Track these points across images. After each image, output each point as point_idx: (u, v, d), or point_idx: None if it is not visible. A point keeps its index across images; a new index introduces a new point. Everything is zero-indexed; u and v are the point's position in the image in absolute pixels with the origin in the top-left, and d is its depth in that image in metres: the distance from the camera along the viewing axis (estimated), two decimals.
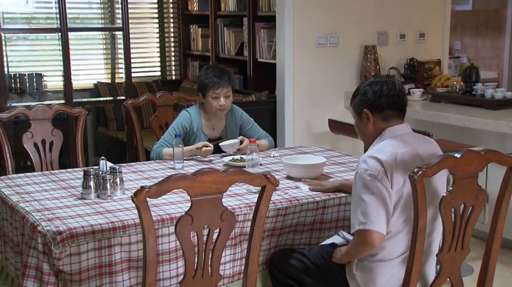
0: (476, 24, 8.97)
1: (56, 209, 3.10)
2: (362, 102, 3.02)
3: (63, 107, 4.56)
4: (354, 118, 3.12)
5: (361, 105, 3.03)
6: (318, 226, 3.35)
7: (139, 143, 4.73)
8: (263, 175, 2.61)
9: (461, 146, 4.58)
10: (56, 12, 6.08)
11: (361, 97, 3.03)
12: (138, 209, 2.41)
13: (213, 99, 4.27)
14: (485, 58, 8.81)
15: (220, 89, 4.26)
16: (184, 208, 2.92)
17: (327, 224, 3.37)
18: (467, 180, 2.77)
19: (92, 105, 7.06)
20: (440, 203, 2.72)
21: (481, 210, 2.89)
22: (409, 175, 2.68)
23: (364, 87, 3.04)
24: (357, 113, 3.06)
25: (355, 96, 3.07)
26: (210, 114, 4.39)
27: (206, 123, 4.40)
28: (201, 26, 7.64)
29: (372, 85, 3.01)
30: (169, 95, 4.84)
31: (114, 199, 3.28)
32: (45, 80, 6.77)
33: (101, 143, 7.42)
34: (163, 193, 2.43)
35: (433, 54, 6.45)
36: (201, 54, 7.59)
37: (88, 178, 3.29)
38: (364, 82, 3.10)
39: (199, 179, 2.46)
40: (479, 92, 5.41)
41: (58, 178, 3.71)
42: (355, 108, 3.07)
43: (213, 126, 4.41)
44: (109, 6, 7.45)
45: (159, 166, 4.02)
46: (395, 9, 6.22)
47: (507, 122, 4.73)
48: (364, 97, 3.01)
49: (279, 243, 3.29)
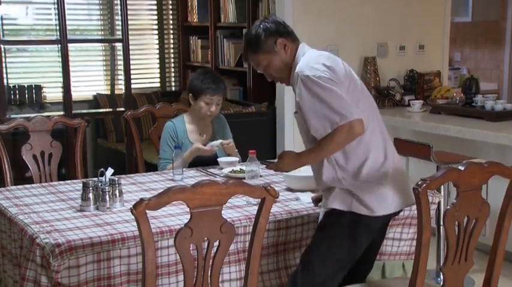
0: (476, 36, 8.97)
1: (54, 221, 3.08)
2: (269, 35, 3.09)
3: (62, 119, 4.55)
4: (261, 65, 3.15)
5: (270, 39, 3.09)
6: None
7: (139, 154, 4.71)
8: (263, 186, 2.59)
9: (462, 158, 4.56)
10: (55, 23, 6.07)
11: (265, 34, 3.09)
12: (138, 221, 2.39)
13: (206, 104, 4.28)
14: (485, 70, 8.82)
15: (215, 96, 4.28)
16: (184, 220, 2.89)
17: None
18: (470, 193, 2.75)
19: (91, 116, 7.04)
20: (444, 217, 2.71)
21: (484, 223, 2.87)
22: (413, 187, 2.66)
23: (256, 30, 3.12)
24: (269, 51, 3.09)
25: (254, 43, 3.12)
26: (196, 118, 4.40)
27: (192, 129, 4.41)
28: (200, 38, 7.63)
29: (261, 25, 3.12)
30: (168, 106, 4.83)
31: (113, 211, 3.26)
32: (45, 92, 6.75)
33: (100, 155, 7.39)
34: (162, 205, 2.41)
35: (433, 65, 6.44)
36: (201, 65, 7.58)
37: (87, 189, 3.28)
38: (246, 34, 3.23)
39: (198, 191, 2.44)
40: (480, 103, 5.40)
41: (57, 190, 3.70)
42: (264, 48, 3.10)
43: (200, 132, 4.40)
44: (109, 18, 7.45)
45: (159, 178, 4.00)
46: (395, 21, 6.22)
47: (507, 134, 4.72)
48: (268, 31, 3.09)
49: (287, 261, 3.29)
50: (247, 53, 3.18)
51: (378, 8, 6.10)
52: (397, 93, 6.10)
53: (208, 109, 4.30)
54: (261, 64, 3.14)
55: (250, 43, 3.14)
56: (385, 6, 6.15)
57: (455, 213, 2.72)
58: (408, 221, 3.47)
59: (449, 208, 2.71)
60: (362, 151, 3.00)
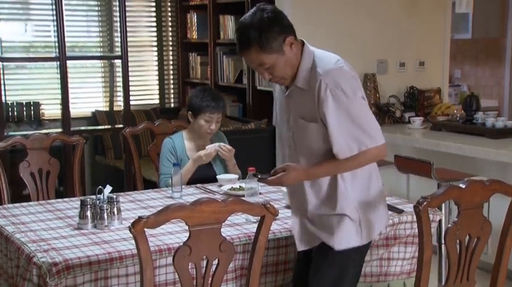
0: (476, 53, 8.98)
1: (52, 239, 3.05)
2: (278, 33, 2.72)
3: (60, 136, 4.53)
4: (263, 66, 2.76)
5: (280, 37, 2.73)
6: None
7: (137, 171, 4.68)
8: (262, 204, 2.58)
9: (463, 176, 4.55)
10: (54, 41, 6.06)
11: (273, 30, 2.71)
12: (136, 239, 2.38)
13: (206, 122, 4.27)
14: (485, 87, 8.81)
15: (215, 113, 4.26)
16: (183, 238, 2.88)
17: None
18: (472, 211, 2.75)
19: (89, 133, 7.01)
20: (446, 235, 2.69)
21: (486, 241, 2.86)
22: (413, 205, 2.65)
23: (260, 25, 2.71)
24: (277, 51, 2.73)
25: (259, 41, 2.70)
26: (196, 136, 4.38)
27: (191, 146, 4.39)
28: (200, 54, 7.63)
29: (264, 18, 2.72)
30: (167, 123, 4.81)
31: (111, 229, 3.23)
32: (43, 109, 6.74)
33: (98, 172, 7.36)
34: (161, 223, 2.40)
35: (433, 82, 6.43)
36: (200, 82, 7.57)
37: (85, 207, 3.25)
38: (245, 29, 2.74)
39: (197, 209, 2.43)
40: (480, 120, 5.38)
41: (54, 208, 3.66)
42: (272, 48, 2.71)
43: (199, 149, 4.37)
44: (108, 35, 7.44)
45: (157, 195, 3.98)
46: (395, 38, 6.22)
47: (508, 151, 4.70)
48: (276, 27, 2.72)
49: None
50: (249, 51, 2.74)
51: (378, 25, 6.10)
52: (397, 110, 6.09)
53: (208, 127, 4.28)
54: (263, 64, 2.76)
55: (252, 40, 2.70)
56: (385, 23, 6.15)
57: (457, 231, 2.72)
58: (410, 240, 3.43)
59: (450, 226, 2.71)
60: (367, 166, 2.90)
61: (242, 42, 2.74)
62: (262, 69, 2.78)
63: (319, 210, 2.90)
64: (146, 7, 7.79)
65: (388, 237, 3.38)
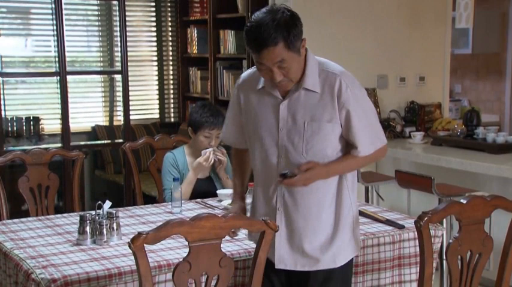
0: (477, 68, 8.98)
1: (50, 255, 3.03)
2: (300, 34, 2.69)
3: (60, 151, 4.52)
4: (282, 66, 2.67)
5: (300, 38, 2.70)
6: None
7: (137, 186, 4.67)
8: (262, 219, 2.57)
9: (464, 191, 4.54)
10: (55, 55, 6.06)
11: (298, 30, 2.67)
12: (135, 255, 2.37)
13: (205, 138, 4.28)
14: (486, 101, 8.81)
15: (214, 129, 4.28)
16: (182, 253, 2.87)
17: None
18: (473, 226, 2.73)
19: (89, 148, 7.00)
20: (447, 251, 2.68)
21: (488, 257, 2.84)
22: (414, 221, 2.63)
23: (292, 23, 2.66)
24: (297, 52, 2.69)
25: (292, 34, 2.64)
26: (196, 151, 4.38)
27: (192, 161, 4.39)
28: (200, 69, 7.62)
29: (294, 17, 2.69)
30: (167, 138, 4.80)
31: (110, 244, 3.22)
32: (43, 124, 6.72)
33: (98, 187, 7.34)
34: (161, 239, 2.39)
35: (434, 97, 6.42)
36: (200, 96, 7.56)
37: (84, 223, 3.24)
38: (273, 25, 2.62)
39: (197, 224, 2.42)
40: (481, 136, 5.37)
41: (54, 223, 3.65)
42: (296, 47, 2.67)
43: None
44: (108, 50, 7.44)
45: (157, 210, 3.97)
46: (395, 52, 6.22)
47: (509, 167, 4.67)
48: (301, 27, 2.69)
49: None
50: (274, 47, 2.62)
51: (378, 40, 6.10)
52: (397, 125, 6.08)
53: (208, 143, 4.30)
54: (284, 62, 2.66)
55: (279, 36, 2.61)
56: (385, 37, 6.15)
57: (458, 247, 2.70)
58: (414, 260, 3.41)
59: (451, 242, 2.69)
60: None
61: (267, 38, 2.60)
62: (277, 69, 2.67)
63: (320, 222, 2.84)
64: (146, 22, 7.80)
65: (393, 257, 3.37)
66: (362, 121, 2.76)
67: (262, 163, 2.87)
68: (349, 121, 2.74)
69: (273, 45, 2.61)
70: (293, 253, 2.83)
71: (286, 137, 2.79)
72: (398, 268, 3.41)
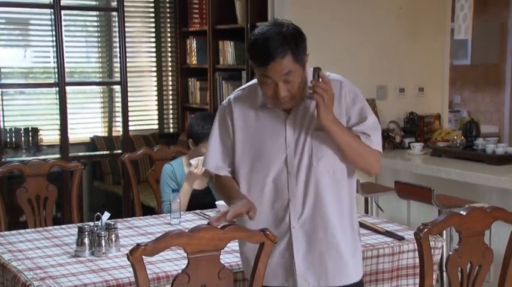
0: (476, 79, 8.98)
1: (48, 267, 3.02)
2: (305, 48, 2.65)
3: (58, 162, 4.51)
4: (287, 80, 2.60)
5: (305, 52, 2.65)
6: None
7: (136, 197, 4.66)
8: (261, 231, 2.55)
9: (464, 202, 4.53)
10: (54, 66, 6.05)
11: (301, 44, 2.63)
12: (134, 267, 2.35)
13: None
14: (485, 112, 8.81)
15: None
16: (181, 265, 2.85)
17: None
18: (473, 238, 2.72)
19: (88, 159, 6.99)
20: (447, 263, 2.67)
21: (488, 269, 2.84)
22: (414, 232, 2.63)
23: (299, 37, 2.63)
24: (303, 64, 2.64)
25: (300, 47, 2.61)
26: None
27: None
28: (199, 79, 7.62)
29: (298, 31, 2.66)
30: (166, 148, 4.79)
31: (109, 256, 3.20)
32: (41, 134, 6.70)
33: (96, 198, 7.33)
34: (160, 250, 2.38)
35: (433, 108, 6.42)
36: (199, 107, 7.56)
37: (82, 234, 3.22)
38: (280, 37, 2.58)
39: (196, 235, 2.40)
40: (480, 147, 5.36)
41: (52, 235, 3.63)
42: (303, 60, 2.63)
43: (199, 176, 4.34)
44: (107, 60, 7.44)
45: (156, 221, 3.95)
46: (394, 63, 6.22)
47: (509, 178, 4.66)
48: (303, 43, 2.64)
49: None
50: (282, 59, 2.57)
51: (377, 51, 6.11)
52: (397, 136, 6.07)
53: None
54: (290, 75, 2.61)
55: (288, 48, 2.58)
56: (385, 48, 6.16)
57: (458, 259, 2.69)
58: (411, 272, 3.40)
59: (451, 253, 2.68)
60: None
61: (275, 50, 2.55)
62: (282, 84, 2.60)
63: (339, 234, 2.76)
64: (146, 33, 7.80)
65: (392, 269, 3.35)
66: (372, 119, 2.77)
67: (268, 183, 2.75)
68: (361, 120, 2.74)
69: (280, 57, 2.56)
70: (315, 269, 2.75)
71: (294, 152, 2.71)
72: (397, 279, 3.40)
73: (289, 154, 2.71)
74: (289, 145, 2.72)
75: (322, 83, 2.60)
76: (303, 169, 2.70)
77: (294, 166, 2.71)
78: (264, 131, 2.76)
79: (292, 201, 2.72)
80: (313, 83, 2.60)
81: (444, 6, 6.44)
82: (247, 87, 2.85)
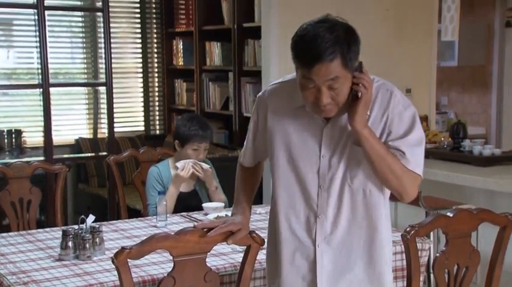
0: (463, 80, 9.01)
1: (32, 271, 2.99)
2: (358, 52, 2.43)
3: (42, 164, 4.46)
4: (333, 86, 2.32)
5: (358, 56, 2.44)
6: None
7: (122, 200, 4.62)
8: (248, 233, 2.54)
9: (451, 204, 4.53)
10: (37, 67, 6.01)
11: (354, 47, 2.42)
12: (118, 271, 2.34)
13: (193, 151, 4.23)
14: (472, 114, 8.84)
15: (203, 143, 4.24)
16: (167, 268, 2.80)
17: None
18: (460, 240, 2.73)
19: (72, 161, 6.95)
20: (434, 264, 2.67)
21: (475, 271, 2.85)
22: (401, 234, 2.63)
23: (352, 39, 2.43)
24: (352, 71, 2.39)
25: (352, 51, 2.39)
26: None
27: None
28: (186, 81, 7.61)
29: (355, 37, 2.47)
30: (152, 150, 4.76)
31: (93, 259, 3.17)
32: (25, 136, 6.65)
33: (81, 200, 7.28)
34: (145, 253, 2.38)
35: (420, 109, 6.41)
36: (186, 108, 7.54)
37: (67, 238, 3.19)
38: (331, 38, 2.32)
39: (182, 238, 2.40)
40: (467, 148, 5.37)
41: (35, 238, 3.59)
42: (353, 65, 2.40)
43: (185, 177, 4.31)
44: (92, 61, 7.40)
45: (142, 224, 3.92)
46: (381, 65, 6.19)
47: (496, 180, 4.69)
48: (357, 46, 2.44)
49: None
50: (330, 62, 2.28)
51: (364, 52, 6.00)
52: None
53: (196, 156, 4.24)
54: (337, 81, 2.32)
55: (338, 51, 2.31)
56: (371, 50, 6.11)
57: (445, 261, 2.70)
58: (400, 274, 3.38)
59: (438, 255, 2.69)
60: None
61: (324, 51, 2.26)
62: (326, 89, 2.30)
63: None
64: (131, 33, 7.77)
65: None
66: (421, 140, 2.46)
67: (296, 193, 2.53)
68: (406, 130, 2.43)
69: (329, 60, 2.26)
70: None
71: (328, 164, 2.46)
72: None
73: (322, 165, 2.47)
74: (323, 156, 2.46)
75: (367, 77, 2.38)
76: (336, 185, 2.45)
77: (326, 179, 2.46)
78: (299, 137, 2.50)
79: (320, 217, 2.49)
80: (357, 74, 2.37)
81: (431, 8, 6.46)
82: (287, 81, 2.58)
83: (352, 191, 2.45)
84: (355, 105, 2.34)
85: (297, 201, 2.52)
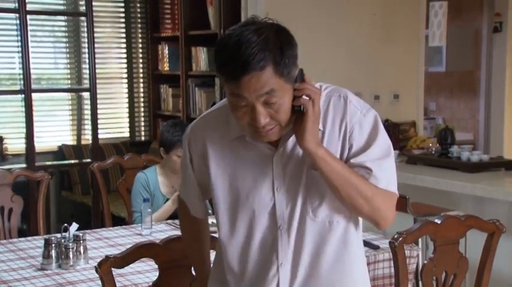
0: (451, 86, 9.02)
1: (13, 281, 2.95)
2: (295, 56, 2.03)
3: (24, 172, 4.41)
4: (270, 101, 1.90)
5: (296, 61, 2.03)
6: None
7: (106, 207, 4.56)
8: None
9: (438, 210, 4.52)
10: (19, 73, 5.94)
11: (289, 51, 2.00)
12: (102, 280, 2.33)
13: (178, 157, 4.18)
14: (460, 119, 8.84)
15: None
16: (152, 277, 2.77)
17: None
18: (448, 247, 2.75)
19: (55, 168, 6.86)
20: (422, 271, 2.68)
21: (463, 278, 2.87)
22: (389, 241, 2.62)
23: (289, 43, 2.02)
24: (290, 79, 1.97)
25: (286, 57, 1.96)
26: (169, 172, 4.31)
27: (164, 181, 4.33)
28: (171, 86, 7.56)
29: (290, 39, 2.05)
30: (137, 157, 4.72)
31: (76, 269, 3.14)
32: (6, 143, 6.56)
33: (64, 208, 7.20)
34: (129, 262, 2.38)
35: (408, 115, 6.42)
36: (172, 114, 7.49)
37: (49, 246, 3.16)
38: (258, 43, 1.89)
39: (167, 246, 2.38)
40: (455, 154, 5.36)
41: (17, 247, 3.55)
42: (291, 74, 1.98)
43: (172, 185, 4.30)
44: (76, 67, 7.32)
45: (126, 232, 3.89)
46: (369, 70, 6.20)
47: (484, 186, 4.67)
48: (292, 50, 2.03)
49: None
50: (260, 72, 1.86)
51: (352, 58, 6.08)
52: None
53: None
54: (273, 94, 1.89)
55: (268, 58, 1.88)
56: (359, 55, 6.14)
57: (433, 268, 2.72)
58: (388, 281, 3.34)
59: (426, 262, 2.70)
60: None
61: (252, 57, 1.85)
62: (261, 107, 1.90)
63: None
64: (116, 38, 7.69)
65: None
66: (388, 150, 2.09)
67: (252, 245, 2.08)
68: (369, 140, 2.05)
69: (258, 69, 1.85)
70: None
71: (285, 199, 2.04)
72: None
73: (279, 201, 2.04)
74: (278, 190, 2.04)
75: (311, 85, 2.00)
76: (295, 221, 2.03)
77: (285, 217, 2.04)
78: (245, 173, 2.07)
79: (283, 266, 2.05)
80: (298, 85, 1.97)
81: (418, 13, 6.45)
82: (219, 109, 2.15)
83: (315, 226, 2.03)
84: (302, 122, 1.93)
85: (253, 251, 2.07)
